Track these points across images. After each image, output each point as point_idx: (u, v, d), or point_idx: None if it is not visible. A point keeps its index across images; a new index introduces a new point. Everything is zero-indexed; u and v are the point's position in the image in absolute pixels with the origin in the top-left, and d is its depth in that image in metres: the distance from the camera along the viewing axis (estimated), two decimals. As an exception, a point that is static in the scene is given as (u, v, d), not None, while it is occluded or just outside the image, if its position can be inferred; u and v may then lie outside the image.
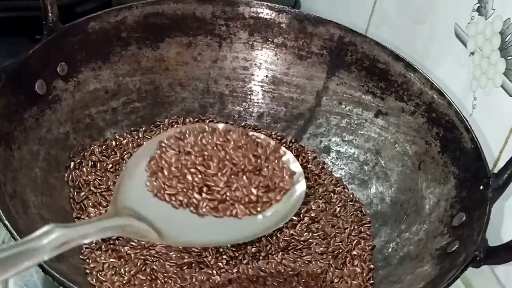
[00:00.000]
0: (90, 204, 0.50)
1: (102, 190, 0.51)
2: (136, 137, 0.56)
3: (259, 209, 0.47)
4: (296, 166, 0.50)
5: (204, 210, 0.45)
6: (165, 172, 0.46)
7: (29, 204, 0.45)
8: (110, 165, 0.53)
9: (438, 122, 0.52)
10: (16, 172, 0.46)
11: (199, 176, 0.46)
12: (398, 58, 0.55)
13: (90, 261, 0.46)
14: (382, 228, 0.52)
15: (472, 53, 0.54)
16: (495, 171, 0.48)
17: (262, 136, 0.52)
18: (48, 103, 0.51)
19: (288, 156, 0.51)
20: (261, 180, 0.47)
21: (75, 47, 0.53)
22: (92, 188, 0.51)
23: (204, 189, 0.46)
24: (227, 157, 0.47)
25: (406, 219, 0.51)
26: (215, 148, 0.48)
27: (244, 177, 0.47)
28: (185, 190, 0.46)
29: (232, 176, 0.47)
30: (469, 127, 0.50)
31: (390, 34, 0.63)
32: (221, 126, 0.52)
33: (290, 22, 0.59)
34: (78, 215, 0.49)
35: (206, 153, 0.47)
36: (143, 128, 0.57)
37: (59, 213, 0.48)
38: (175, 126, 0.56)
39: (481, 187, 0.46)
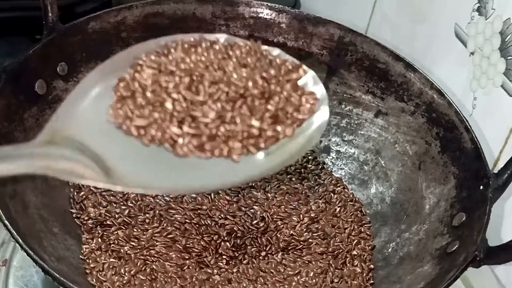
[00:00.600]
0: (90, 204, 0.50)
1: (102, 190, 0.51)
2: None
3: (261, 145, 0.35)
4: (318, 89, 0.38)
5: (185, 148, 0.34)
6: (137, 98, 0.35)
7: (29, 204, 0.45)
8: (110, 165, 0.52)
9: (438, 122, 0.52)
10: (16, 172, 0.46)
11: (183, 104, 0.34)
12: (398, 58, 0.55)
13: (90, 261, 0.46)
14: (382, 228, 0.52)
15: (472, 53, 0.54)
16: (495, 171, 0.47)
17: (277, 51, 0.39)
18: (48, 103, 0.51)
19: (309, 76, 0.39)
20: (267, 109, 0.35)
21: (75, 47, 0.53)
22: (91, 188, 0.51)
23: (187, 121, 0.34)
24: (225, 78, 0.35)
25: (406, 219, 0.51)
26: (209, 67, 0.36)
27: (245, 106, 0.35)
28: (160, 121, 0.34)
29: (228, 104, 0.35)
30: (469, 127, 0.50)
31: (390, 34, 0.63)
32: (222, 37, 0.39)
33: (290, 22, 0.59)
34: (78, 215, 0.49)
35: (196, 73, 0.35)
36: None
37: (59, 213, 0.48)
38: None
39: (481, 187, 0.46)
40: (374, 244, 0.52)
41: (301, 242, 0.50)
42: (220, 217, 0.50)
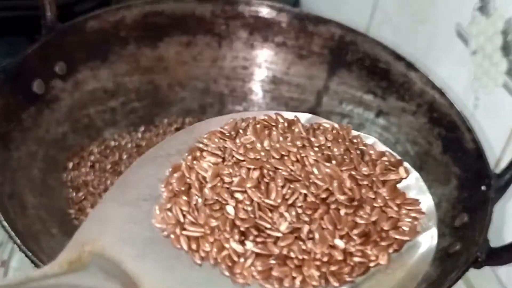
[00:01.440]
0: (89, 205, 0.50)
1: (101, 190, 0.50)
2: (135, 137, 0.55)
3: (346, 276, 0.27)
4: (426, 199, 0.31)
5: (245, 273, 0.26)
6: (193, 195, 0.28)
7: (27, 204, 0.45)
8: (109, 166, 0.52)
9: (440, 122, 0.52)
10: (14, 172, 0.46)
11: (248, 208, 0.27)
12: (399, 57, 0.55)
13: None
14: (383, 229, 0.52)
15: (474, 53, 0.54)
16: (497, 171, 0.47)
17: (371, 140, 0.32)
18: (46, 103, 0.50)
19: (412, 179, 0.31)
20: (356, 222, 0.28)
21: (74, 46, 0.53)
22: (90, 189, 0.50)
23: (252, 233, 0.27)
24: (302, 175, 0.28)
25: (407, 220, 0.51)
26: (286, 157, 0.29)
27: (327, 217, 0.27)
28: (218, 232, 0.27)
29: (306, 213, 0.27)
30: (470, 128, 0.49)
31: (391, 34, 0.63)
32: (305, 117, 0.32)
33: (290, 21, 0.58)
34: (77, 216, 0.49)
35: (268, 166, 0.28)
36: (142, 128, 0.56)
37: (57, 213, 0.48)
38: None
39: (483, 188, 0.46)
40: (375, 245, 0.51)
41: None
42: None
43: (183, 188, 0.28)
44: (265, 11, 0.58)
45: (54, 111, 0.51)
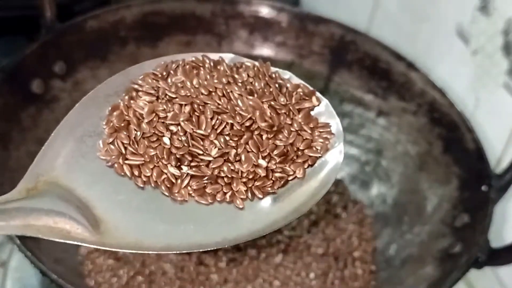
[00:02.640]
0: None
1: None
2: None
3: (269, 189, 0.32)
4: (334, 123, 0.34)
5: (183, 192, 0.31)
6: (132, 130, 0.31)
7: (26, 205, 0.45)
8: (109, 166, 0.53)
9: (440, 122, 0.52)
10: (14, 172, 0.45)
11: (182, 138, 0.31)
12: (400, 57, 0.55)
13: (89, 263, 0.46)
14: (384, 230, 0.52)
15: (474, 53, 0.54)
16: (498, 171, 0.47)
17: (287, 74, 0.35)
18: (45, 102, 0.50)
19: (324, 107, 0.35)
20: (276, 145, 0.32)
21: (73, 46, 0.53)
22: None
23: (187, 159, 0.31)
24: (228, 107, 0.32)
25: (407, 220, 0.51)
26: (212, 93, 0.32)
27: (251, 141, 0.31)
28: (156, 159, 0.31)
29: (233, 139, 0.31)
30: (471, 128, 0.49)
31: (392, 33, 0.63)
32: (228, 57, 0.35)
33: (290, 21, 0.58)
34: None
35: (197, 101, 0.31)
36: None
37: (57, 214, 0.48)
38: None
39: (484, 188, 0.46)
40: (376, 246, 0.51)
41: (302, 244, 0.50)
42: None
43: (122, 125, 0.31)
44: (265, 11, 0.58)
45: (54, 111, 0.51)
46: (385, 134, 0.55)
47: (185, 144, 0.31)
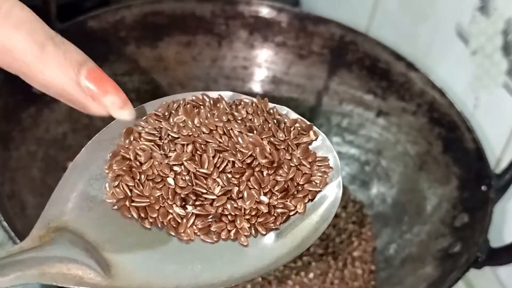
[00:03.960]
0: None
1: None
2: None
3: (271, 225, 0.32)
4: (331, 157, 0.35)
5: (189, 232, 0.31)
6: (135, 172, 0.32)
7: (27, 205, 0.45)
8: (109, 166, 0.53)
9: (440, 122, 0.52)
10: (14, 172, 0.46)
11: (186, 177, 0.32)
12: (400, 57, 0.55)
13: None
14: (383, 229, 0.52)
15: (474, 53, 0.54)
16: (497, 171, 0.47)
17: (285, 110, 0.36)
18: (46, 103, 0.50)
19: (321, 142, 0.35)
20: (277, 180, 0.33)
21: (74, 46, 0.53)
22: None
23: (191, 198, 0.32)
24: (229, 145, 0.32)
25: (407, 220, 0.51)
26: (213, 131, 0.33)
27: (253, 178, 0.32)
28: (162, 200, 0.31)
29: (235, 177, 0.32)
30: (470, 128, 0.49)
31: (392, 33, 0.63)
32: (227, 95, 0.36)
33: (290, 21, 0.58)
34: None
35: (199, 140, 0.32)
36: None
37: (57, 214, 0.48)
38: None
39: (483, 188, 0.46)
40: (375, 245, 0.51)
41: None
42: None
43: (125, 168, 0.32)
44: (265, 11, 0.58)
45: (54, 111, 0.51)
46: (384, 134, 0.55)
47: (189, 184, 0.31)
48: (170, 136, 0.32)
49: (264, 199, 0.32)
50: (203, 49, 0.59)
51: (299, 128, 0.35)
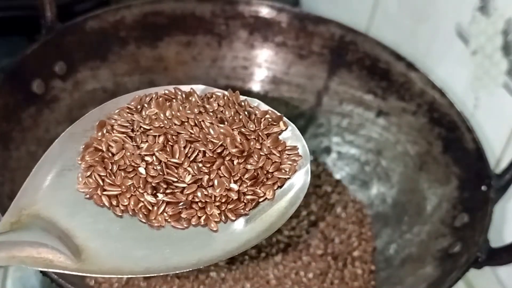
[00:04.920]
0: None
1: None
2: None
3: (241, 211, 0.33)
4: (300, 146, 0.36)
5: (159, 218, 0.32)
6: (107, 163, 0.33)
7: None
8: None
9: (440, 122, 0.52)
10: (14, 172, 0.45)
11: (157, 167, 0.32)
12: (400, 57, 0.55)
13: (89, 263, 0.46)
14: (384, 229, 0.52)
15: (474, 53, 0.54)
16: (497, 171, 0.47)
17: (256, 102, 0.37)
18: (46, 103, 0.50)
19: (291, 132, 0.36)
20: (247, 169, 0.33)
21: (74, 46, 0.53)
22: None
23: (162, 186, 0.32)
24: (200, 136, 0.33)
25: (407, 220, 0.51)
26: (185, 123, 0.34)
27: (223, 167, 0.33)
28: (133, 189, 0.32)
29: (206, 166, 0.33)
30: (470, 128, 0.49)
31: (392, 33, 0.63)
32: (199, 89, 0.37)
33: (290, 21, 0.58)
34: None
35: (171, 132, 0.33)
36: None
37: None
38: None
39: (483, 188, 0.46)
40: (375, 245, 0.51)
41: (301, 243, 0.50)
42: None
43: (97, 159, 0.33)
44: (265, 11, 0.58)
45: (54, 111, 0.51)
46: (384, 134, 0.55)
47: (160, 173, 0.32)
48: (142, 128, 0.33)
49: (234, 186, 0.33)
50: (203, 49, 0.59)
51: (269, 119, 0.36)
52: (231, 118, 0.34)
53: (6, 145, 0.46)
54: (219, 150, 0.33)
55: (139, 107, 0.35)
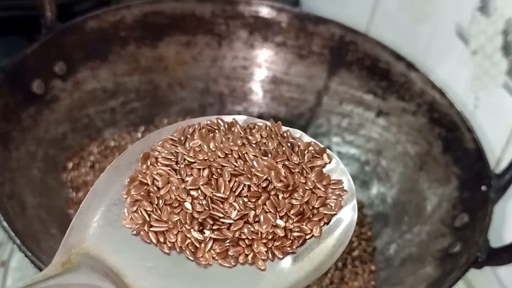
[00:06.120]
0: (89, 205, 0.50)
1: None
2: (135, 137, 0.55)
3: (288, 249, 0.32)
4: (345, 180, 0.35)
5: (207, 256, 0.31)
6: (153, 197, 0.32)
7: (27, 205, 0.45)
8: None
9: (440, 122, 0.52)
10: (14, 172, 0.45)
11: (203, 201, 0.32)
12: (400, 57, 0.55)
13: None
14: (384, 229, 0.52)
15: (474, 53, 0.54)
16: (497, 171, 0.47)
17: (298, 133, 0.36)
18: (46, 103, 0.50)
19: (335, 164, 0.35)
20: (292, 204, 0.32)
21: (74, 46, 0.53)
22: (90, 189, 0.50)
23: (209, 222, 0.32)
24: (245, 169, 0.33)
25: (407, 220, 0.51)
26: (229, 155, 0.33)
27: (268, 202, 0.32)
28: (180, 225, 0.32)
29: (251, 200, 0.32)
30: (470, 128, 0.49)
31: (392, 33, 0.63)
32: (241, 119, 0.36)
33: (290, 21, 0.58)
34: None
35: (215, 164, 0.32)
36: (142, 128, 0.56)
37: (57, 214, 0.48)
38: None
39: (483, 188, 0.46)
40: (375, 245, 0.51)
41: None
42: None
43: (143, 193, 0.32)
44: (265, 11, 0.58)
45: (54, 111, 0.51)
46: (384, 134, 0.55)
47: (206, 208, 0.32)
48: (186, 161, 0.33)
49: (280, 222, 0.32)
50: (203, 49, 0.59)
51: (312, 151, 0.35)
52: (274, 150, 0.34)
53: (6, 145, 0.46)
54: (264, 184, 0.32)
55: (182, 138, 0.34)
